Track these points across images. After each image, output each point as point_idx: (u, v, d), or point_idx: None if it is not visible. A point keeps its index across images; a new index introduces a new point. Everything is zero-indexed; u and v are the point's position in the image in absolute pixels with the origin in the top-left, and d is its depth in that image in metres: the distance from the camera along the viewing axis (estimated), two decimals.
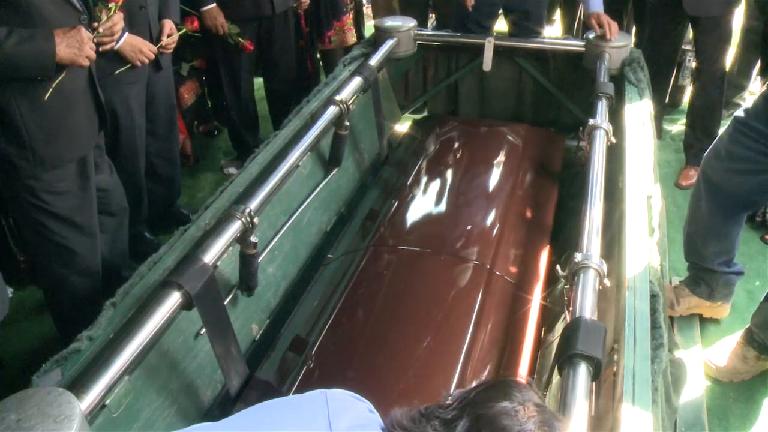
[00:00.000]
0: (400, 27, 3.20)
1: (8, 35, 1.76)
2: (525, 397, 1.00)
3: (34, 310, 2.84)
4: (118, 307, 1.59)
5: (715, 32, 3.35)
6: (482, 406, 0.99)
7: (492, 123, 3.16)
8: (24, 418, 1.11)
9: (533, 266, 2.24)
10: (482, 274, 2.07)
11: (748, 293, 2.89)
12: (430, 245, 2.18)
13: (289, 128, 2.43)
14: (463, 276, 2.07)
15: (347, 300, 1.98)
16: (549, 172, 2.81)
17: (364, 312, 1.94)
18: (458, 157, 2.75)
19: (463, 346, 1.80)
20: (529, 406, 0.99)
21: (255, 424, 1.01)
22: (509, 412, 0.97)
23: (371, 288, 2.01)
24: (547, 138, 3.13)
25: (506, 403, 0.98)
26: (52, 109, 1.97)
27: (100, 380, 1.30)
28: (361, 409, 1.03)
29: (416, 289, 2.00)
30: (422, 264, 2.11)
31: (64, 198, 2.13)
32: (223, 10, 3.30)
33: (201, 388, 1.74)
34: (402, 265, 2.12)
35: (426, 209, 2.44)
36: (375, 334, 1.84)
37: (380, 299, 1.97)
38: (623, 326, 1.55)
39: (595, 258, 1.68)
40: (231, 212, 1.80)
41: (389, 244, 2.22)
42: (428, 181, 2.60)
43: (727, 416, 2.33)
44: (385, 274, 2.08)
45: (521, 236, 2.35)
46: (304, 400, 1.02)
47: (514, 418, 0.96)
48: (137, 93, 2.79)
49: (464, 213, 2.38)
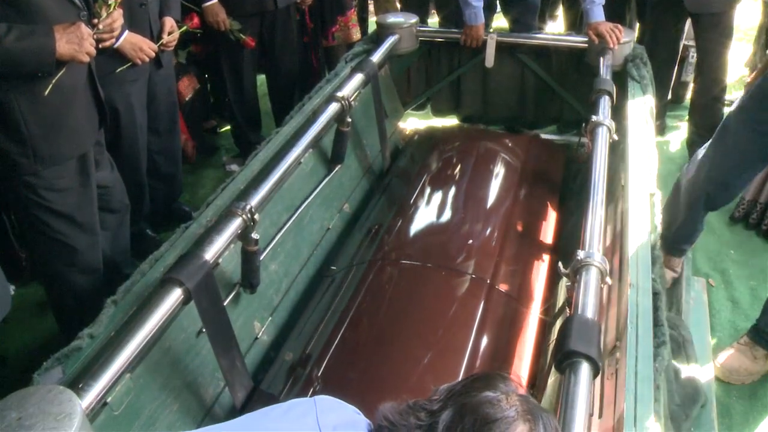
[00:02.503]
0: (402, 23, 3.19)
1: (8, 31, 1.76)
2: (509, 389, 1.03)
3: (35, 307, 2.85)
4: (119, 305, 1.60)
5: (716, 29, 3.34)
6: (466, 396, 1.02)
7: (495, 135, 3.19)
8: (25, 416, 1.10)
9: (534, 280, 2.24)
10: (483, 288, 2.07)
11: (751, 290, 2.88)
12: (431, 260, 2.18)
13: (290, 125, 2.43)
14: (464, 291, 2.07)
15: (350, 314, 1.98)
16: (550, 184, 2.81)
17: (366, 326, 1.94)
18: (461, 170, 2.74)
19: (463, 361, 1.81)
20: (513, 396, 1.02)
21: (246, 425, 1.06)
22: (492, 401, 1.00)
23: (374, 302, 2.02)
24: (549, 149, 3.14)
25: (489, 393, 1.01)
26: (51, 105, 1.96)
27: (101, 378, 1.30)
28: (347, 410, 1.08)
29: (418, 304, 2.00)
30: (424, 278, 2.12)
31: (64, 195, 2.13)
32: (224, 5, 3.29)
33: (203, 387, 1.74)
34: (404, 279, 2.12)
35: (428, 223, 2.44)
36: (377, 349, 1.84)
37: (382, 314, 1.97)
38: (625, 324, 1.55)
39: (597, 255, 1.67)
40: (232, 209, 1.80)
41: (392, 258, 2.22)
42: (431, 194, 2.60)
43: (730, 414, 2.32)
44: (387, 288, 2.08)
45: (523, 250, 2.35)
46: (294, 403, 1.07)
47: (497, 407, 0.99)
48: (139, 91, 2.78)
49: (466, 227, 2.38)
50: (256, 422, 1.06)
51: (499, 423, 0.98)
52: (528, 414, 1.00)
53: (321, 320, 2.05)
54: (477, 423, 0.97)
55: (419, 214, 2.48)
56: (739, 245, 3.18)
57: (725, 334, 2.68)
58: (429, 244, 2.28)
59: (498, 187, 2.63)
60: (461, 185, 2.62)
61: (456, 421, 0.99)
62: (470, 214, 2.45)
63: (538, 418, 1.01)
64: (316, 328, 2.03)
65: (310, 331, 2.03)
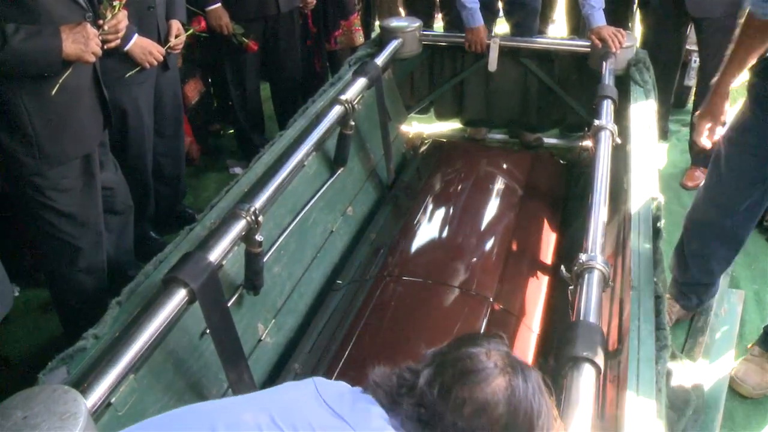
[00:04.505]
0: (405, 27, 3.20)
1: (16, 31, 1.77)
2: (491, 346, 1.06)
3: (39, 308, 2.85)
4: (123, 306, 1.60)
5: (718, 34, 3.34)
6: (448, 354, 1.06)
7: (499, 152, 3.25)
8: (30, 415, 1.11)
9: (536, 298, 2.25)
10: (485, 306, 2.08)
11: (755, 294, 2.88)
12: (436, 277, 2.19)
13: (294, 128, 2.44)
14: (467, 309, 2.08)
15: (357, 331, 1.99)
16: (553, 201, 2.82)
17: (373, 343, 1.95)
18: (465, 187, 2.76)
19: None
20: (494, 352, 1.05)
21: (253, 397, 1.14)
22: (471, 356, 1.03)
23: (380, 319, 2.03)
24: (552, 166, 3.15)
25: (471, 349, 1.05)
26: (57, 105, 1.98)
27: (105, 378, 1.31)
28: (342, 384, 1.15)
29: (423, 321, 2.01)
30: (429, 296, 2.13)
31: (68, 195, 2.14)
32: (227, 9, 3.30)
33: (206, 388, 1.74)
34: (409, 296, 2.14)
35: (433, 240, 2.45)
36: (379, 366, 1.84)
37: (389, 331, 1.98)
38: (627, 327, 1.55)
39: (599, 258, 1.68)
40: (236, 211, 1.81)
41: (396, 274, 2.23)
42: (436, 211, 2.61)
43: (732, 417, 2.32)
44: (393, 305, 2.09)
45: (525, 268, 2.36)
46: (295, 382, 1.16)
47: (476, 360, 1.03)
48: (146, 93, 2.80)
49: (469, 245, 2.39)
50: (263, 394, 1.15)
51: (477, 374, 1.00)
52: (508, 367, 1.02)
53: (330, 334, 2.06)
54: (455, 375, 1.01)
55: (424, 231, 2.50)
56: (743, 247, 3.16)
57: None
58: (434, 262, 2.29)
59: (501, 204, 2.64)
60: (466, 203, 2.63)
61: (436, 375, 1.03)
62: (475, 231, 2.46)
63: (518, 371, 1.03)
64: (325, 342, 2.04)
65: (321, 345, 2.04)
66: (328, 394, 1.08)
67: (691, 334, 2.64)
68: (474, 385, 1.00)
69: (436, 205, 2.64)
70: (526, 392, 1.01)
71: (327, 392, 1.09)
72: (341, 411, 1.04)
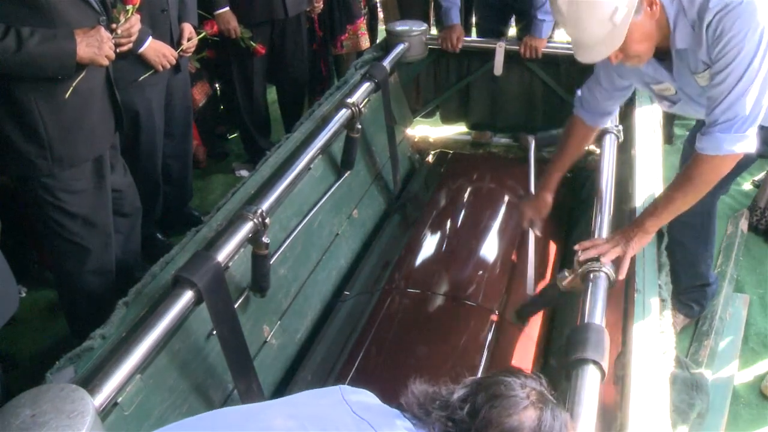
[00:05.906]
0: (411, 31, 3.21)
1: (31, 35, 1.80)
2: (528, 381, 1.09)
3: (47, 309, 2.87)
4: (130, 307, 1.62)
5: None
6: (486, 378, 1.10)
7: (506, 163, 3.27)
8: (38, 413, 1.12)
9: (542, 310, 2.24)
10: (491, 318, 2.08)
11: (760, 298, 2.88)
12: (441, 290, 2.20)
13: (300, 131, 2.45)
14: (472, 322, 2.08)
15: (365, 344, 1.99)
16: (559, 213, 2.81)
17: (380, 356, 1.96)
18: (472, 200, 2.76)
19: None
20: (529, 386, 1.07)
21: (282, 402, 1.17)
22: (506, 383, 1.06)
23: (387, 332, 2.03)
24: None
25: (507, 378, 1.07)
26: (70, 108, 2.00)
27: (112, 378, 1.32)
28: (368, 393, 1.17)
29: (428, 334, 2.01)
30: (436, 309, 2.14)
31: (79, 196, 2.16)
32: (236, 13, 3.32)
33: (212, 389, 1.75)
34: (416, 309, 2.14)
35: (438, 253, 2.45)
36: (391, 378, 1.84)
37: (396, 343, 1.99)
38: (631, 330, 1.55)
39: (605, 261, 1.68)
40: (243, 213, 1.82)
41: (402, 287, 2.23)
42: (443, 223, 2.61)
43: (736, 420, 2.32)
44: (401, 318, 2.10)
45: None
46: (321, 389, 1.19)
47: (510, 388, 1.05)
48: (158, 95, 2.82)
49: (475, 257, 2.39)
50: (288, 400, 1.17)
51: (508, 400, 1.02)
52: (540, 403, 1.04)
53: (339, 345, 2.06)
54: (488, 398, 1.03)
55: (431, 244, 2.50)
56: (748, 251, 3.18)
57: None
58: (440, 275, 2.29)
59: (506, 216, 2.63)
60: (471, 215, 2.64)
61: (470, 395, 1.06)
62: (480, 244, 2.46)
63: (549, 407, 1.04)
64: (334, 352, 2.04)
65: (330, 355, 2.05)
66: (355, 403, 1.11)
67: (696, 337, 2.64)
68: (503, 410, 1.02)
69: (443, 218, 2.65)
70: (552, 428, 1.03)
71: (353, 400, 1.11)
72: (369, 419, 1.07)
